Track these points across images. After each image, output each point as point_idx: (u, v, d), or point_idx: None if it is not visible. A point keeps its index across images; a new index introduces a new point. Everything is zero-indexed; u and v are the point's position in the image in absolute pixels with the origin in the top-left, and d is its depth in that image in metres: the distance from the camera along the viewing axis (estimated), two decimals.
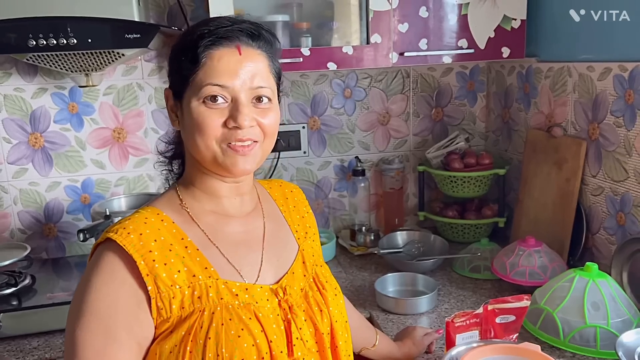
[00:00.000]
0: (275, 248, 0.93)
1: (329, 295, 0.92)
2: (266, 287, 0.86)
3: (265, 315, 0.82)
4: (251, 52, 0.83)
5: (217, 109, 0.81)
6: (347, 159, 2.07)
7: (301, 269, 0.93)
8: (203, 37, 0.81)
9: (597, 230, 1.55)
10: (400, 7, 1.65)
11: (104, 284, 0.78)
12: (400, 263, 1.72)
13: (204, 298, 0.80)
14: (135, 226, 0.81)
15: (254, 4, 1.73)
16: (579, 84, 1.58)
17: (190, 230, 0.85)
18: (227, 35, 0.82)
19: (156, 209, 0.86)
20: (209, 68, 0.81)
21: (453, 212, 1.99)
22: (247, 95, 0.82)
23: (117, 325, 0.77)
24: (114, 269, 0.79)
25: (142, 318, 0.78)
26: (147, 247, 0.80)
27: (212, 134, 0.81)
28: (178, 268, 0.80)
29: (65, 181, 1.87)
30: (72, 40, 1.40)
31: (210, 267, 0.83)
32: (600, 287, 1.24)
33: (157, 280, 0.78)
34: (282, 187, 1.05)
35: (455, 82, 2.09)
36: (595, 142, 1.53)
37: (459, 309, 1.49)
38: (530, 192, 1.78)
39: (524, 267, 1.51)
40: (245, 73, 0.82)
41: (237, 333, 0.79)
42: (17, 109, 1.79)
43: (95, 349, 0.76)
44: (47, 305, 1.46)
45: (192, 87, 0.82)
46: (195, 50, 0.81)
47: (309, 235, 1.01)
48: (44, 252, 1.90)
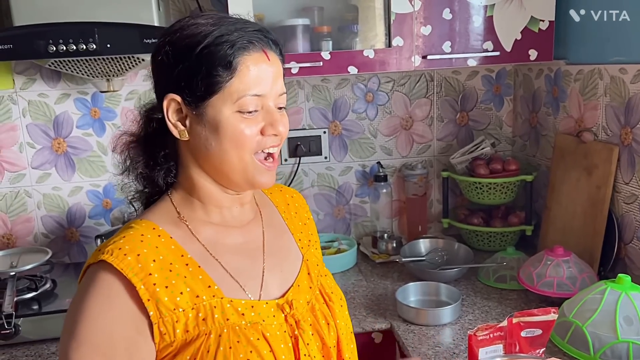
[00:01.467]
0: (277, 257, 0.88)
1: (335, 307, 0.89)
2: (272, 302, 0.82)
3: (273, 334, 0.79)
4: (273, 56, 0.80)
5: (252, 119, 0.78)
6: (369, 164, 2.03)
7: (307, 281, 0.89)
8: (230, 41, 0.76)
9: (630, 240, 1.48)
10: (423, 10, 1.61)
11: (101, 312, 0.73)
12: (423, 272, 1.68)
13: (209, 320, 0.76)
14: (132, 246, 0.76)
15: (274, 8, 1.72)
16: (610, 87, 1.51)
17: (189, 245, 0.80)
18: (254, 39, 0.77)
19: (151, 223, 0.80)
20: (245, 77, 0.76)
21: (478, 220, 1.93)
22: (274, 102, 0.80)
23: (118, 354, 0.73)
24: (110, 295, 0.74)
25: (142, 345, 0.74)
26: (147, 270, 0.75)
27: (249, 145, 0.78)
28: (180, 290, 0.76)
29: (88, 186, 1.88)
30: (92, 45, 1.40)
31: (214, 286, 0.78)
32: (633, 300, 1.17)
33: (159, 305, 0.74)
34: (282, 192, 1.00)
35: (481, 86, 2.04)
36: (628, 148, 1.46)
37: (483, 320, 1.44)
38: (558, 200, 1.72)
39: (552, 277, 1.45)
40: (273, 79, 0.79)
41: (246, 356, 0.75)
42: (40, 114, 1.81)
43: None
44: (67, 311, 1.46)
45: (223, 95, 0.76)
46: (227, 56, 0.75)
47: (312, 243, 0.97)
48: (67, 257, 1.91)
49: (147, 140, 0.84)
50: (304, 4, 1.73)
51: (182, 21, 0.80)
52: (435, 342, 1.35)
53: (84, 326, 0.73)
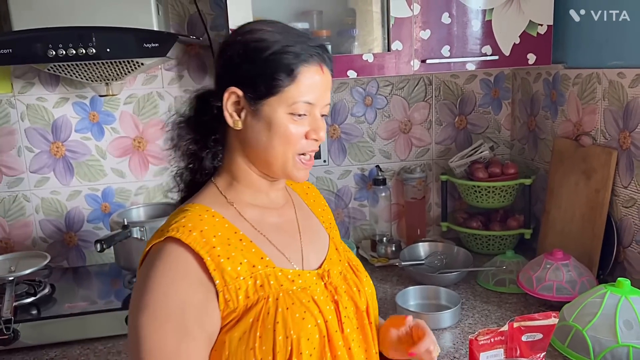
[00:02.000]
0: (310, 235, 0.98)
1: (362, 277, 0.99)
2: (313, 272, 0.92)
3: (319, 297, 0.88)
4: (327, 71, 0.90)
5: (300, 122, 0.88)
6: (367, 167, 2.03)
7: (336, 255, 0.99)
8: (295, 52, 0.85)
9: (628, 244, 1.48)
10: (422, 14, 1.61)
11: (172, 283, 0.80)
12: (422, 276, 1.68)
13: (266, 286, 0.85)
14: (194, 224, 0.84)
15: (273, 12, 1.72)
16: (609, 91, 1.52)
17: (239, 224, 0.89)
18: (314, 53, 0.87)
19: (204, 206, 0.88)
20: (301, 85, 0.86)
21: (477, 223, 1.94)
22: (320, 110, 0.90)
23: (190, 322, 0.79)
24: (179, 267, 0.81)
25: (211, 311, 0.81)
26: (210, 244, 0.83)
27: (294, 145, 0.88)
28: (239, 260, 0.84)
29: (86, 190, 1.87)
30: (91, 50, 1.40)
31: (266, 257, 0.87)
32: (633, 304, 1.18)
33: (224, 274, 0.82)
34: (299, 183, 1.09)
35: (479, 90, 2.04)
36: (627, 152, 1.46)
37: (483, 324, 1.44)
38: (557, 203, 1.72)
39: (551, 281, 1.45)
40: (323, 90, 0.89)
41: (301, 316, 0.84)
42: (39, 118, 1.80)
43: (170, 348, 0.78)
44: (66, 315, 1.46)
45: (280, 97, 0.86)
46: (290, 65, 0.85)
47: (333, 226, 1.08)
48: (65, 261, 1.91)
49: (197, 122, 0.93)
50: (303, 8, 1.73)
51: (250, 24, 0.90)
52: None
53: (155, 298, 0.79)
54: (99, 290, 1.74)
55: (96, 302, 1.57)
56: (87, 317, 1.47)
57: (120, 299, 1.59)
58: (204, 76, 1.88)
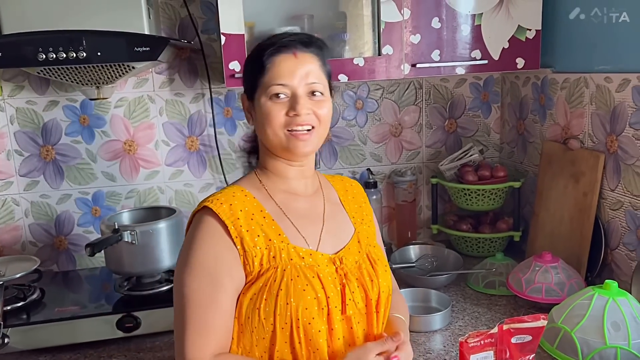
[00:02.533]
0: (333, 225, 1.08)
1: (379, 269, 1.07)
2: (326, 255, 1.02)
3: (325, 276, 0.99)
4: (305, 55, 1.01)
5: (281, 102, 0.99)
6: (358, 170, 2.04)
7: (356, 247, 1.08)
8: (266, 48, 1.00)
9: (616, 246, 1.50)
10: (412, 18, 1.63)
11: (205, 241, 0.96)
12: (413, 278, 1.69)
13: (278, 258, 0.98)
14: (226, 198, 1.00)
15: (264, 16, 1.72)
16: (596, 96, 1.54)
17: (267, 204, 1.03)
18: (286, 44, 1.00)
19: (240, 187, 1.05)
20: (272, 72, 0.99)
21: (467, 226, 1.95)
22: (304, 90, 1.00)
23: (222, 273, 0.95)
24: (211, 231, 0.97)
25: (238, 268, 0.96)
26: (236, 215, 0.98)
27: (278, 122, 0.99)
28: (258, 233, 0.98)
29: (76, 194, 1.87)
30: (81, 53, 1.39)
31: (283, 234, 1.00)
32: (620, 305, 1.19)
33: (243, 242, 0.97)
34: (343, 181, 1.22)
35: (469, 93, 2.06)
36: (614, 155, 1.49)
37: (473, 326, 1.45)
38: (546, 206, 1.74)
39: (541, 283, 1.47)
40: (301, 72, 0.99)
41: (302, 287, 0.95)
42: (28, 121, 1.79)
43: (206, 294, 0.94)
44: (56, 320, 1.45)
45: (261, 88, 1.00)
46: (261, 59, 0.99)
47: (365, 221, 1.16)
48: (55, 265, 1.90)
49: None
50: (294, 12, 1.74)
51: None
52: (426, 349, 1.36)
53: (194, 255, 0.96)
54: (89, 294, 1.73)
55: (86, 306, 1.56)
56: (78, 322, 1.46)
57: (110, 302, 1.58)
58: (195, 79, 1.88)
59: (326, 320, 0.97)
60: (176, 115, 1.89)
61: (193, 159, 1.92)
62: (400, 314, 1.14)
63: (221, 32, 1.53)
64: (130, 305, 1.53)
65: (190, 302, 0.94)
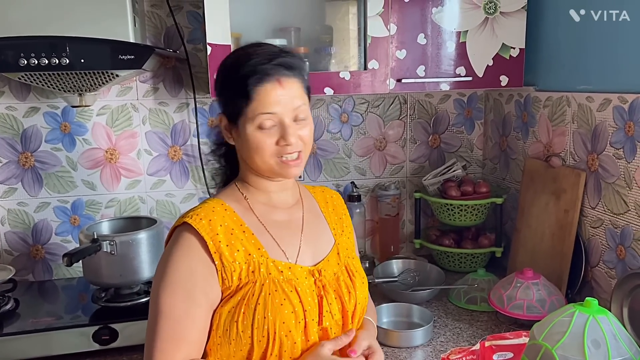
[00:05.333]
0: (312, 236, 1.09)
1: (357, 282, 1.08)
2: (306, 268, 1.04)
3: (303, 289, 1.00)
4: (289, 81, 0.99)
5: (269, 131, 0.98)
6: (342, 183, 2.04)
7: (335, 258, 1.09)
8: (249, 75, 0.97)
9: (596, 264, 1.52)
10: (398, 34, 1.64)
11: (182, 258, 0.97)
12: (395, 293, 1.68)
13: (257, 272, 0.99)
14: (205, 213, 1.00)
15: (251, 28, 1.72)
16: (578, 114, 1.56)
17: (247, 217, 1.04)
18: (270, 73, 0.97)
19: (220, 200, 1.05)
20: (258, 102, 0.97)
21: (449, 241, 1.95)
22: (290, 116, 0.99)
23: (197, 290, 0.96)
24: (190, 246, 0.98)
25: (214, 285, 0.97)
26: (215, 231, 0.99)
27: (268, 152, 0.99)
28: (237, 248, 0.99)
29: (55, 202, 1.83)
30: (64, 60, 1.38)
31: (262, 248, 1.01)
32: (600, 323, 1.19)
33: (222, 257, 0.97)
34: (324, 192, 1.22)
35: (453, 109, 2.08)
36: (595, 174, 1.50)
37: (454, 342, 1.44)
38: (527, 222, 1.75)
39: (522, 300, 1.47)
40: (286, 99, 0.98)
41: (280, 302, 0.97)
42: (8, 127, 1.76)
43: (180, 309, 0.95)
44: (30, 332, 1.42)
45: (246, 116, 0.98)
46: (246, 88, 0.97)
47: (345, 233, 1.17)
48: (30, 275, 1.85)
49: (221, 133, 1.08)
50: (281, 24, 1.74)
51: (230, 55, 1.04)
52: None
53: (171, 271, 0.97)
54: (65, 305, 1.69)
55: (62, 318, 1.52)
56: (53, 333, 1.43)
57: (87, 314, 1.55)
58: (180, 89, 1.86)
59: (303, 332, 0.99)
60: (159, 125, 1.87)
61: (175, 168, 1.90)
62: (368, 316, 1.16)
63: (207, 42, 1.52)
64: (107, 317, 1.49)
65: (163, 315, 0.95)
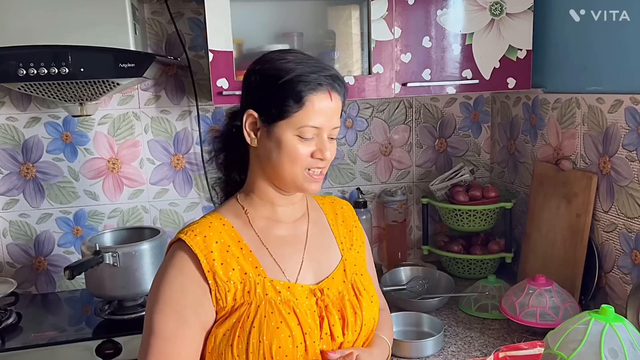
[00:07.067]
0: (317, 251, 1.05)
1: (364, 301, 1.03)
2: (306, 286, 1.00)
3: (302, 311, 0.96)
4: (336, 97, 0.98)
5: (307, 142, 0.96)
6: (348, 190, 2.01)
7: (341, 276, 1.05)
8: (303, 81, 0.94)
9: (610, 269, 1.48)
10: (402, 37, 1.61)
11: (175, 276, 0.94)
12: (404, 301, 1.65)
13: (252, 293, 0.95)
14: (201, 229, 0.98)
15: (254, 34, 1.70)
16: (588, 116, 1.53)
17: (246, 233, 1.00)
18: (324, 82, 0.96)
19: (219, 215, 1.02)
20: (309, 111, 0.94)
21: (458, 247, 1.92)
22: (328, 132, 0.98)
23: (187, 310, 0.93)
24: (183, 265, 0.95)
25: (206, 305, 0.94)
26: (209, 248, 0.95)
27: (302, 162, 0.96)
28: (233, 267, 0.96)
29: (57, 213, 1.81)
30: (64, 69, 1.36)
31: (260, 267, 0.98)
32: (617, 331, 1.16)
33: (216, 276, 0.94)
34: (333, 203, 1.17)
35: (459, 113, 2.04)
36: (607, 177, 1.47)
37: (466, 352, 1.41)
38: (538, 227, 1.72)
39: (534, 307, 1.43)
40: (330, 114, 0.97)
41: (276, 325, 0.93)
42: (9, 138, 1.74)
43: (169, 329, 0.92)
44: (32, 346, 1.40)
45: (289, 121, 0.95)
46: (300, 92, 0.94)
47: (355, 247, 1.13)
48: (33, 287, 1.83)
49: (228, 138, 1.05)
50: (284, 29, 1.72)
51: (273, 53, 1.00)
52: None
53: (162, 289, 0.94)
54: (68, 318, 1.66)
55: (65, 331, 1.50)
56: (55, 348, 1.41)
57: (91, 327, 1.53)
58: (182, 96, 1.84)
59: (304, 356, 0.94)
60: (162, 133, 1.85)
61: (179, 177, 1.88)
62: (383, 334, 1.11)
63: (209, 49, 1.50)
64: (111, 330, 1.47)
65: (154, 334, 0.93)
